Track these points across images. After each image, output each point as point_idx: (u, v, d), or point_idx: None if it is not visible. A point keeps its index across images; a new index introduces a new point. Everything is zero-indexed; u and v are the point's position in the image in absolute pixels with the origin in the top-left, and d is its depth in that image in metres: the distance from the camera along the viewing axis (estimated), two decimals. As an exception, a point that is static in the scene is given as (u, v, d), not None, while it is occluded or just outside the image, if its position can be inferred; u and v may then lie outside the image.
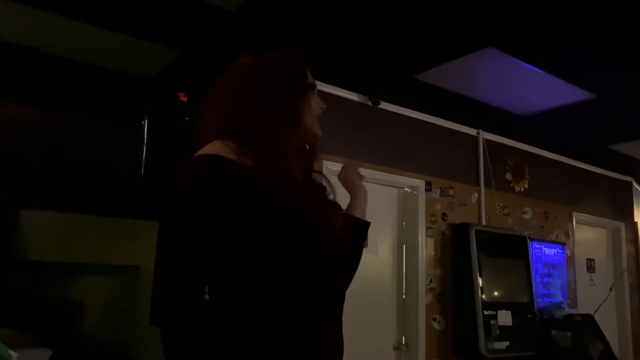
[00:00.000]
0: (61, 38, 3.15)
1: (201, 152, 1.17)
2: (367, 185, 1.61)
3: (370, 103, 3.70)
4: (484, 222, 4.21)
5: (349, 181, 1.56)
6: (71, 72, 3.58)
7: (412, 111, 3.98)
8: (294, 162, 1.25)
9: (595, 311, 4.27)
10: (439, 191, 4.01)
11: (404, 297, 3.81)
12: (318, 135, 1.35)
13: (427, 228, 3.87)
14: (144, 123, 3.08)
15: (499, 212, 4.41)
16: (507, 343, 3.71)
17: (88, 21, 2.88)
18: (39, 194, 3.89)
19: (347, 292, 1.36)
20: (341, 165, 1.65)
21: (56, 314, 4.19)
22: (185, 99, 3.02)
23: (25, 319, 3.77)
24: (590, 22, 2.64)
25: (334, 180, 1.51)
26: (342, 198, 1.48)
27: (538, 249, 4.53)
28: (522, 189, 4.66)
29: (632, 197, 5.81)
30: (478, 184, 4.30)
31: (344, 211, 1.45)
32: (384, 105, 3.80)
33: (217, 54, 3.02)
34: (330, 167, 3.36)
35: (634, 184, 5.83)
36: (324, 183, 1.42)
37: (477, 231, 3.86)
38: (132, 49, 3.22)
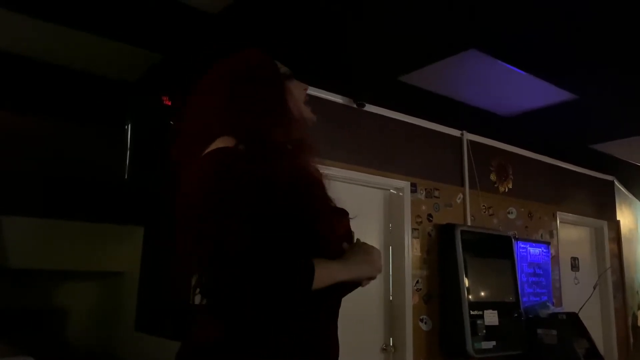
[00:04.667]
0: (42, 42, 3.12)
1: (221, 143, 1.20)
2: (353, 187, 1.60)
3: (355, 105, 3.71)
4: (469, 223, 4.23)
5: None
6: (53, 76, 3.55)
7: (397, 113, 3.99)
8: (296, 161, 1.30)
9: (580, 309, 4.31)
10: (424, 192, 4.03)
11: (391, 298, 3.82)
12: (312, 119, 1.41)
13: (413, 229, 3.89)
14: (128, 127, 3.05)
15: (484, 212, 4.44)
16: (494, 342, 3.73)
17: (70, 25, 2.85)
18: (21, 200, 3.84)
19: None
20: (328, 168, 1.63)
21: (40, 322, 4.14)
22: (169, 103, 3.00)
23: (9, 327, 3.72)
24: (572, 24, 2.67)
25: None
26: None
27: (523, 248, 4.57)
28: (507, 189, 4.70)
29: (614, 196, 5.88)
30: (463, 185, 4.33)
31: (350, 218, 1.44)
32: (369, 108, 3.81)
33: (200, 57, 3.01)
34: (316, 170, 3.36)
35: (615, 182, 5.90)
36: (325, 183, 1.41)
37: (462, 232, 3.88)
38: (115, 53, 3.19)
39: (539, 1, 2.47)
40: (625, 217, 6.04)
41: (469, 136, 4.44)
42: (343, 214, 1.37)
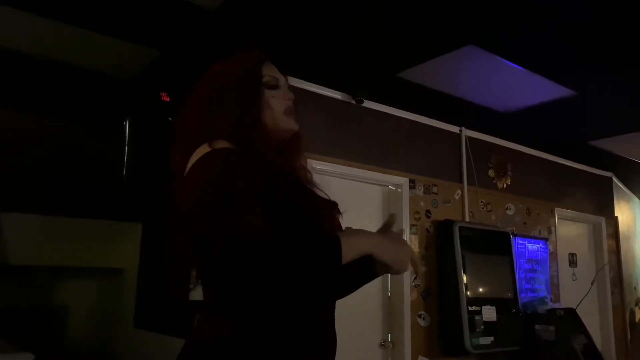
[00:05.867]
0: (40, 39, 3.11)
1: (210, 147, 1.20)
2: (351, 183, 1.61)
3: (353, 102, 3.71)
4: (467, 219, 4.24)
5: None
6: (51, 74, 3.54)
7: (395, 109, 4.00)
8: (277, 162, 1.28)
9: (578, 305, 4.33)
10: (422, 189, 4.03)
11: (389, 294, 3.83)
12: (291, 130, 1.36)
13: (412, 225, 3.89)
14: (126, 124, 3.05)
15: (482, 208, 4.44)
16: (492, 338, 3.74)
17: (68, 22, 2.85)
18: (20, 197, 3.84)
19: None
20: (326, 164, 1.65)
21: (40, 320, 4.15)
22: (168, 99, 3.00)
23: (9, 325, 3.72)
24: (572, 23, 2.67)
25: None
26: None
27: (521, 244, 4.58)
28: (505, 186, 4.70)
29: (612, 192, 5.89)
30: (461, 181, 4.33)
31: (340, 212, 1.45)
32: (368, 104, 3.81)
33: (198, 53, 3.01)
34: (315, 166, 3.36)
35: (614, 179, 5.91)
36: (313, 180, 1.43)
37: (460, 228, 3.89)
38: (113, 50, 3.19)
39: (539, 1, 2.47)
40: (623, 213, 6.05)
41: (467, 132, 4.44)
42: (335, 205, 1.38)
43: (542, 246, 4.80)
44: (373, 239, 1.19)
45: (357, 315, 3.61)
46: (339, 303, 1.32)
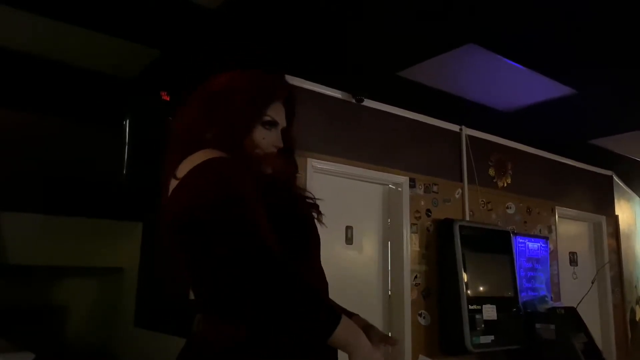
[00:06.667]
0: (40, 39, 3.11)
1: (205, 156, 1.20)
2: (351, 182, 1.62)
3: (353, 100, 3.70)
4: (467, 218, 4.24)
5: None
6: (51, 73, 3.54)
7: (396, 108, 3.99)
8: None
9: (578, 304, 4.33)
10: (423, 188, 4.03)
11: (389, 293, 3.82)
12: (261, 171, 1.32)
13: (412, 224, 3.89)
14: (126, 123, 3.05)
15: (483, 207, 4.44)
16: (492, 337, 3.74)
17: (67, 21, 2.85)
18: (20, 196, 3.84)
19: (333, 288, 1.40)
20: (326, 162, 1.66)
21: (40, 319, 4.14)
22: (168, 99, 3.00)
23: (9, 325, 3.72)
24: (572, 23, 2.67)
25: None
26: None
27: (522, 243, 4.57)
28: (505, 185, 4.70)
29: (612, 191, 5.89)
30: (461, 180, 4.33)
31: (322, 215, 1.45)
32: (368, 103, 3.80)
33: (199, 53, 3.01)
34: (315, 165, 3.36)
35: (614, 177, 5.90)
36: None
37: (461, 227, 3.89)
38: (113, 50, 3.18)
39: (539, 0, 2.47)
40: (623, 212, 6.05)
41: (467, 131, 4.44)
42: (316, 207, 1.41)
43: (543, 245, 4.79)
44: (364, 349, 1.12)
45: (357, 314, 3.61)
46: (339, 302, 1.32)
